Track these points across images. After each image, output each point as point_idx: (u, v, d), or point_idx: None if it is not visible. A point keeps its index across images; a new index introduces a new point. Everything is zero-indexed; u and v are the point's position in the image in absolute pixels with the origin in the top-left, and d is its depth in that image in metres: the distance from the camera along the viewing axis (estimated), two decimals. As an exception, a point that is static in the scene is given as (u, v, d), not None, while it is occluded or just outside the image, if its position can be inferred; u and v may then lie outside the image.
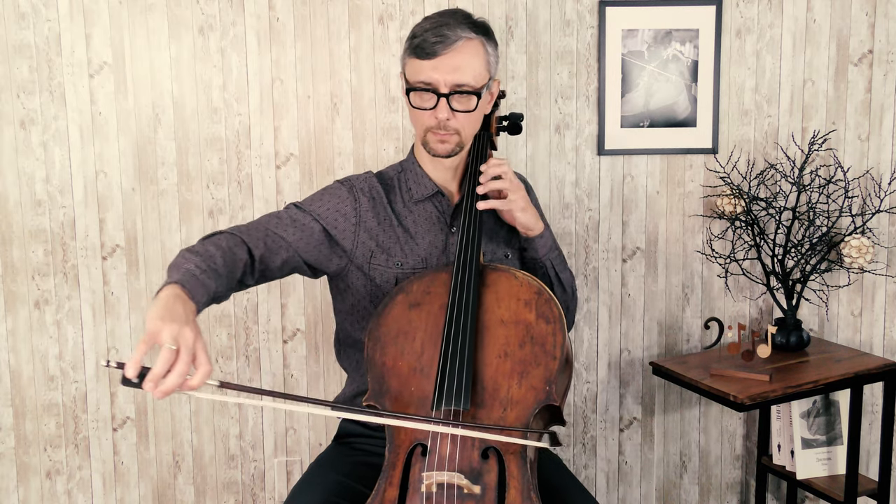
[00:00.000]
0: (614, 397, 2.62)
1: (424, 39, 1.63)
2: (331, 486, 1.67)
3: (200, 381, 1.31)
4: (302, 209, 1.73)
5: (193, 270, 1.46)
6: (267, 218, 1.71)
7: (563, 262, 1.83)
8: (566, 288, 1.83)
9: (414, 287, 1.65)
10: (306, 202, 1.76)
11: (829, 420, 2.46)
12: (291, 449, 2.55)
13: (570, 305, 1.86)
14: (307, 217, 1.72)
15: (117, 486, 2.50)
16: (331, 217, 1.72)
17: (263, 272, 1.67)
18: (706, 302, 2.59)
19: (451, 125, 1.67)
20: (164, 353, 1.28)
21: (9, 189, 2.36)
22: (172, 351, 1.28)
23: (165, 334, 1.29)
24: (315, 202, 1.75)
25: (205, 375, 1.31)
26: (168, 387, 1.28)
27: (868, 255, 2.38)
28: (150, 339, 1.30)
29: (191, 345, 1.30)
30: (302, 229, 1.70)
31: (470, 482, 1.44)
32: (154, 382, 1.28)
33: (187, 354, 1.29)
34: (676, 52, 2.47)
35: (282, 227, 1.69)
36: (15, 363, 2.42)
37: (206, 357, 1.32)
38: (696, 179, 2.54)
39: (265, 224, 1.69)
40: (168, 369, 1.28)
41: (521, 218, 1.72)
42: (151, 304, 1.37)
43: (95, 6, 2.32)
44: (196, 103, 2.38)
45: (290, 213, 1.72)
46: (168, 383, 1.28)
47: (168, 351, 1.28)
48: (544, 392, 1.52)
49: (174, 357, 1.29)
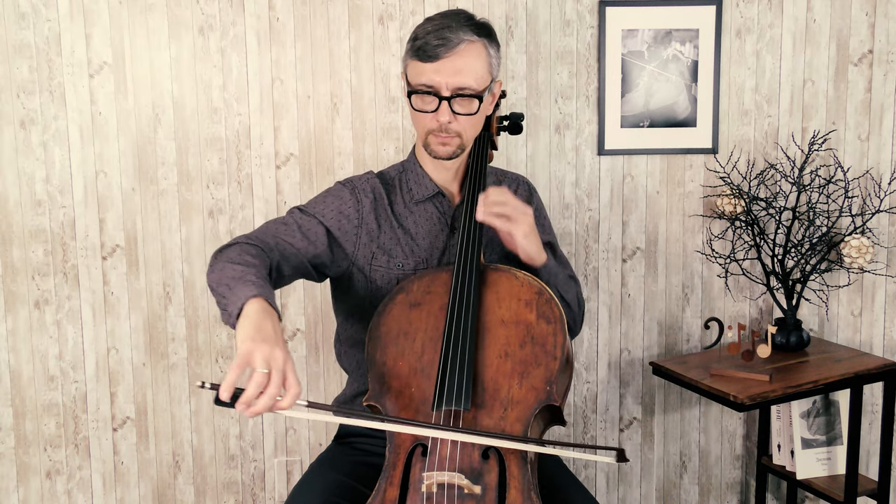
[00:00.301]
0: (614, 397, 2.62)
1: (426, 42, 1.62)
2: (331, 486, 1.67)
3: (290, 403, 1.34)
4: (306, 213, 1.73)
5: (257, 281, 1.47)
6: (274, 226, 1.70)
7: (567, 281, 1.81)
8: (572, 306, 1.82)
9: (414, 287, 1.65)
10: (310, 205, 1.75)
11: (829, 420, 2.46)
12: (291, 449, 2.55)
13: (577, 318, 1.86)
14: (312, 221, 1.71)
15: (117, 486, 2.50)
16: (334, 219, 1.72)
17: (277, 280, 1.67)
18: (706, 302, 2.59)
19: (453, 128, 1.66)
20: (257, 377, 1.32)
21: (9, 189, 2.36)
22: (264, 374, 1.32)
23: (258, 357, 1.33)
24: (318, 205, 1.75)
25: (294, 397, 1.34)
26: (259, 408, 1.32)
27: (868, 255, 2.38)
28: (243, 362, 1.33)
29: (281, 367, 1.34)
30: (308, 235, 1.70)
31: (470, 482, 1.44)
32: (246, 404, 1.32)
33: (278, 377, 1.33)
34: (676, 52, 2.47)
35: (290, 234, 1.68)
36: (15, 363, 2.42)
37: (295, 378, 1.36)
38: (696, 179, 2.54)
39: (273, 232, 1.68)
40: (260, 392, 1.32)
41: (523, 244, 1.65)
42: (241, 323, 1.40)
43: (95, 6, 2.32)
44: (196, 103, 2.38)
45: (295, 219, 1.71)
46: (259, 405, 1.31)
47: (260, 375, 1.32)
48: (545, 392, 1.52)
49: (266, 380, 1.32)
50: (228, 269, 1.50)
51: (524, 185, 1.92)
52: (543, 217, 1.93)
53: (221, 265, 1.52)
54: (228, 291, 1.45)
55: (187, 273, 2.43)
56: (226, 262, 1.52)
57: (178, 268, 2.43)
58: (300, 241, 1.69)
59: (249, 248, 1.59)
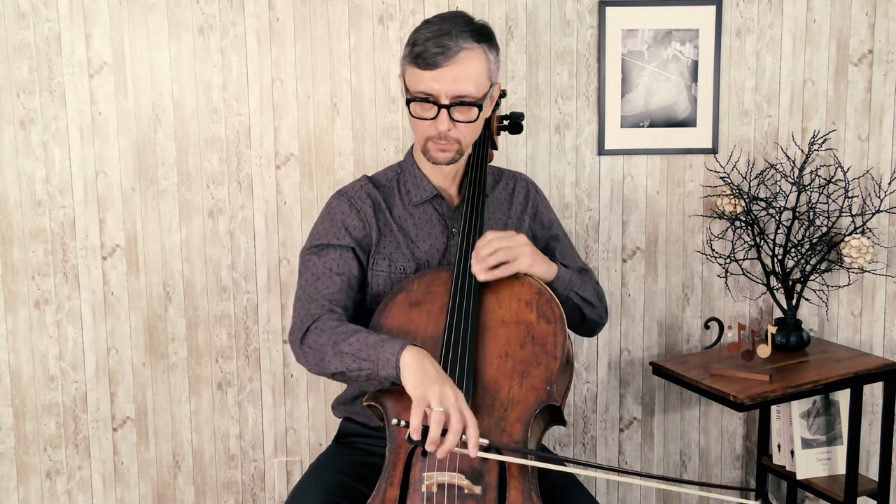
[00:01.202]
0: (614, 397, 2.62)
1: (425, 49, 1.60)
2: (331, 486, 1.67)
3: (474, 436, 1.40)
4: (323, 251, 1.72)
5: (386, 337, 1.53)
6: (313, 288, 1.69)
7: (584, 282, 1.81)
8: (594, 303, 1.83)
9: (414, 286, 1.65)
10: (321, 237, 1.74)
11: (828, 420, 2.46)
12: (291, 449, 2.54)
13: (601, 313, 1.87)
14: (334, 254, 1.71)
15: (117, 486, 2.50)
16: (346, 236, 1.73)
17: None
18: (706, 302, 2.59)
19: (452, 135, 1.65)
20: (434, 416, 1.39)
21: (9, 189, 2.36)
22: (441, 413, 1.39)
23: (432, 399, 1.41)
24: (327, 233, 1.74)
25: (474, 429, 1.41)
26: (448, 447, 1.39)
27: (868, 255, 2.38)
28: (421, 405, 1.41)
29: (454, 403, 1.41)
30: (343, 271, 1.71)
31: (470, 482, 1.44)
32: (434, 444, 1.39)
33: (455, 413, 1.40)
34: (676, 52, 2.47)
35: (332, 283, 1.69)
36: (15, 363, 2.42)
37: (469, 413, 1.42)
38: (696, 179, 2.54)
39: (322, 293, 1.68)
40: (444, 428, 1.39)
41: (531, 273, 1.67)
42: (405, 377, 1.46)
43: (95, 6, 2.32)
44: (196, 103, 2.38)
45: (323, 268, 1.71)
46: (448, 443, 1.39)
47: (437, 413, 1.39)
48: (545, 392, 1.52)
49: (444, 418, 1.39)
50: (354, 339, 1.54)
51: (522, 181, 1.90)
52: (545, 210, 1.91)
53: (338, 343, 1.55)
54: (374, 353, 1.50)
55: (187, 273, 2.43)
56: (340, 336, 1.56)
57: (178, 268, 2.43)
58: (340, 281, 1.70)
59: (332, 318, 1.62)
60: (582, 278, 1.81)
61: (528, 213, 1.87)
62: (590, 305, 1.81)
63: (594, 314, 1.84)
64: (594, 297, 1.83)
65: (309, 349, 1.59)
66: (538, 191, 1.93)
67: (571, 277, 1.76)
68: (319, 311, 1.63)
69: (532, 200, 1.88)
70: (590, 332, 1.93)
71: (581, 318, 1.83)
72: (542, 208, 1.91)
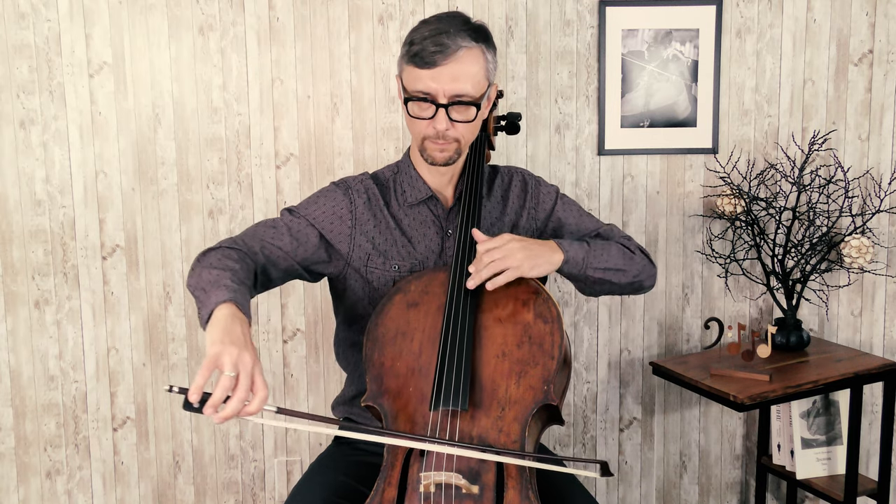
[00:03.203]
0: (614, 397, 2.62)
1: (423, 48, 1.60)
2: (331, 485, 1.67)
3: (258, 407, 1.34)
4: (297, 215, 1.72)
5: (231, 286, 1.47)
6: (263, 229, 1.70)
7: (599, 252, 1.71)
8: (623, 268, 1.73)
9: (412, 287, 1.65)
10: (301, 207, 1.75)
11: (828, 420, 2.46)
12: (291, 449, 2.55)
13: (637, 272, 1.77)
14: (302, 222, 1.71)
15: (117, 486, 2.50)
16: (326, 221, 1.72)
17: (265, 283, 1.67)
18: (706, 302, 2.59)
19: (450, 135, 1.65)
20: (223, 380, 1.31)
21: (9, 189, 2.36)
22: (232, 378, 1.32)
23: (226, 360, 1.32)
24: (310, 206, 1.74)
25: (262, 401, 1.34)
26: (228, 413, 1.32)
27: (868, 255, 2.38)
28: (211, 364, 1.33)
29: (249, 370, 1.34)
30: (298, 238, 1.70)
31: (468, 482, 1.44)
32: (214, 408, 1.31)
33: (246, 380, 1.33)
34: (676, 52, 2.46)
35: (278, 237, 1.69)
36: (15, 363, 2.42)
37: (263, 382, 1.35)
38: (696, 179, 2.54)
39: (261, 235, 1.68)
40: (227, 395, 1.32)
41: (536, 273, 1.62)
42: (209, 326, 1.40)
43: (95, 6, 2.32)
44: (196, 103, 2.38)
45: (285, 222, 1.71)
46: (228, 409, 1.31)
47: (227, 378, 1.32)
48: (542, 392, 1.52)
49: (233, 383, 1.32)
50: (206, 273, 1.51)
51: (518, 174, 1.87)
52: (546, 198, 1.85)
53: (200, 269, 1.53)
54: (203, 295, 1.46)
55: (187, 273, 2.43)
56: (205, 267, 1.53)
57: (177, 268, 2.43)
58: (289, 244, 1.69)
59: (231, 252, 1.60)
60: (596, 249, 1.71)
61: (528, 207, 1.85)
62: (617, 272, 1.72)
63: (624, 278, 1.74)
64: (619, 262, 1.73)
65: (195, 263, 1.59)
66: (536, 180, 1.87)
67: (584, 256, 1.68)
68: (235, 245, 1.63)
69: (531, 191, 1.84)
70: (638, 291, 1.82)
71: (612, 286, 1.75)
72: (542, 197, 1.85)
